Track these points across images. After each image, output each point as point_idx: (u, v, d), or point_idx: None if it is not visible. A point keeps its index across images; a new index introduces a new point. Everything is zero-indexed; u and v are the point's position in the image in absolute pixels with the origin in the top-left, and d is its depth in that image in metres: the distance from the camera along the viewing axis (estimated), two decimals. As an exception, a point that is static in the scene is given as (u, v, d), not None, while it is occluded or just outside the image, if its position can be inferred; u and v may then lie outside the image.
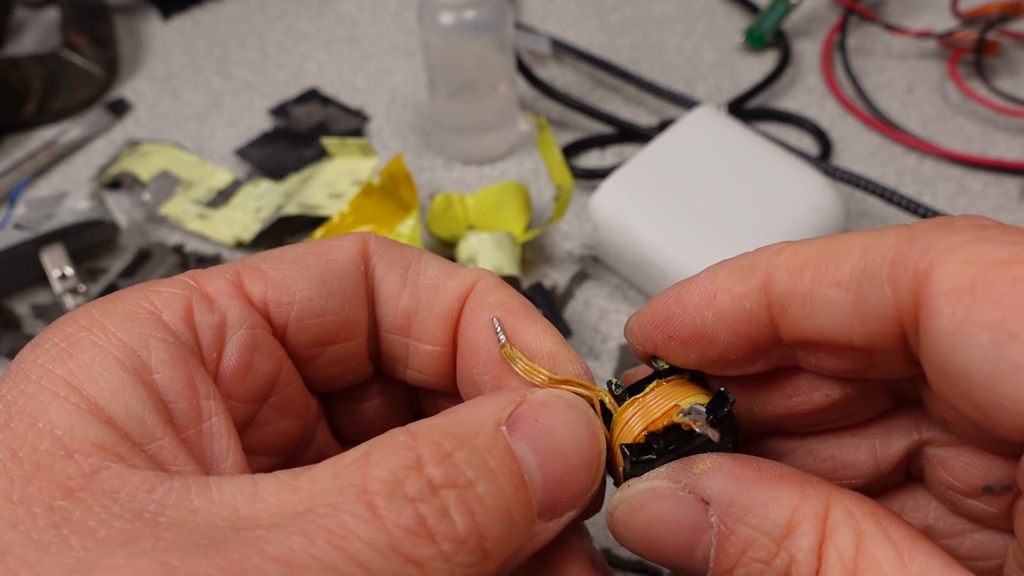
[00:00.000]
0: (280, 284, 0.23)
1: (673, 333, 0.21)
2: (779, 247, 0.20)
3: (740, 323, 0.20)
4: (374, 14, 0.69)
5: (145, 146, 0.59)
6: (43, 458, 0.18)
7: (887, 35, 0.62)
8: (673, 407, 0.21)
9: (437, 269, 0.24)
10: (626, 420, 0.22)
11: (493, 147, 0.57)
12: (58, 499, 0.17)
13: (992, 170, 0.54)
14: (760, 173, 0.47)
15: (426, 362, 0.25)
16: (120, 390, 0.19)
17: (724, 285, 0.21)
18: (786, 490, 0.19)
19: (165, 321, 0.21)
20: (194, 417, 0.20)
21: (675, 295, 0.22)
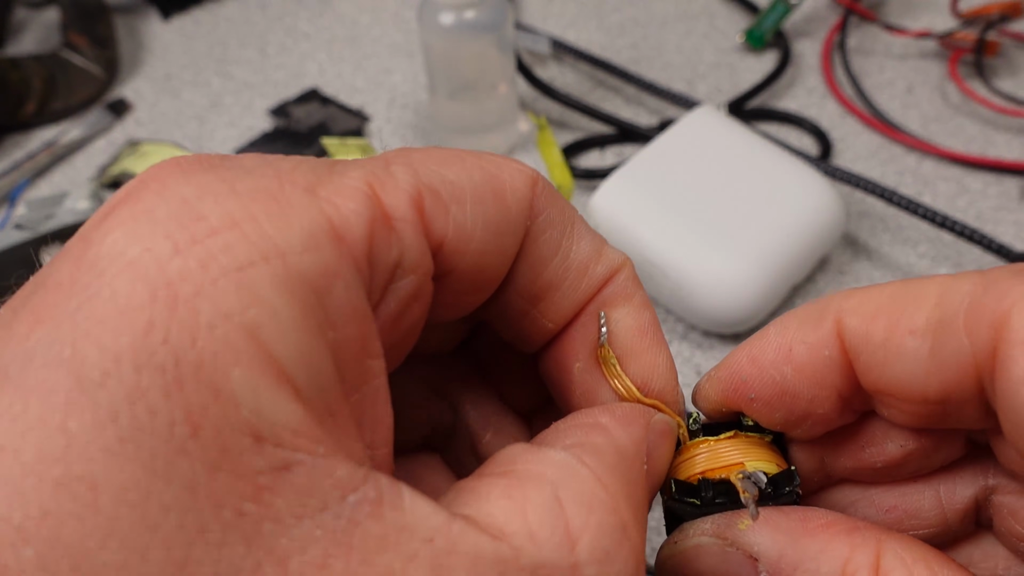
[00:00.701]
0: (461, 227, 0.18)
1: (754, 395, 0.20)
2: (847, 292, 0.20)
3: (822, 373, 0.20)
4: (374, 14, 0.69)
5: (145, 146, 0.59)
6: (229, 440, 0.13)
7: (887, 35, 0.62)
8: (738, 464, 0.21)
9: (589, 246, 0.22)
10: (689, 456, 0.21)
11: (493, 147, 0.57)
12: (247, 500, 0.13)
13: (992, 170, 0.54)
14: (760, 173, 0.47)
15: (529, 334, 0.22)
16: (308, 352, 0.15)
17: (797, 336, 0.20)
18: (836, 540, 0.18)
19: (349, 252, 0.16)
20: (359, 380, 0.16)
21: (747, 355, 0.21)
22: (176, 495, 0.13)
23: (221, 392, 0.14)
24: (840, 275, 0.49)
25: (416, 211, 0.17)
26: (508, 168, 0.20)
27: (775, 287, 0.45)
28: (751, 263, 0.44)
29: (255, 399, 0.14)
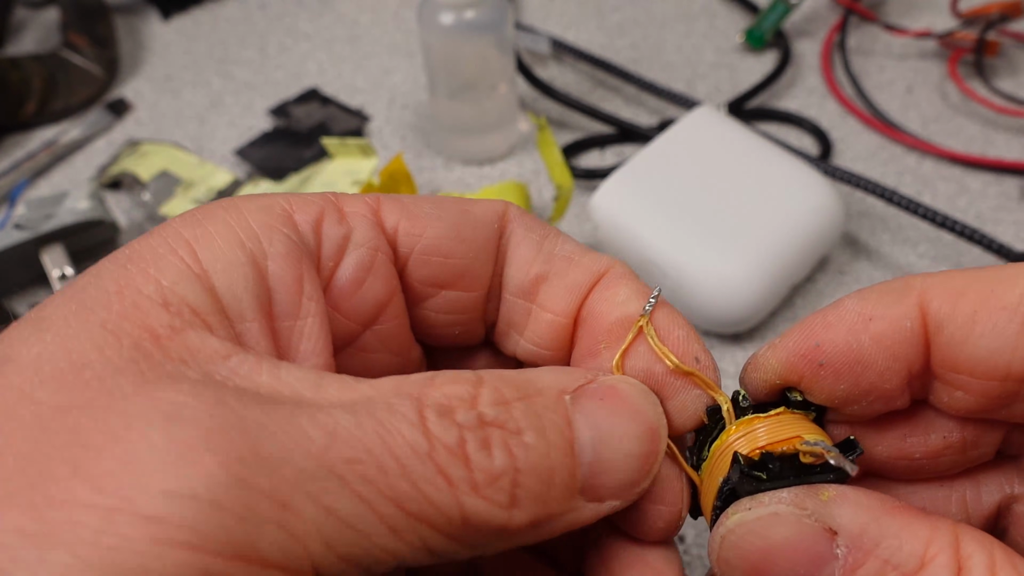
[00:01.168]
0: (414, 217, 0.23)
1: (825, 360, 0.20)
2: (930, 274, 0.20)
3: (899, 346, 0.20)
4: (374, 14, 0.69)
5: (145, 146, 0.59)
6: (143, 301, 0.19)
7: (887, 35, 0.62)
8: (796, 437, 0.21)
9: (574, 245, 0.25)
10: (745, 432, 0.21)
11: (493, 147, 0.57)
12: (145, 340, 0.18)
13: (992, 170, 0.54)
14: (760, 173, 0.47)
15: (544, 332, 0.24)
16: (230, 265, 0.20)
17: (878, 307, 0.20)
18: (917, 521, 0.18)
19: (295, 220, 0.22)
20: (292, 311, 0.21)
21: (822, 320, 0.21)
22: (95, 330, 0.18)
23: (149, 269, 0.20)
24: (840, 275, 0.49)
25: (370, 209, 0.23)
26: (479, 200, 0.25)
27: (775, 287, 0.45)
28: (751, 263, 0.44)
29: (174, 279, 0.19)
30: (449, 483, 0.18)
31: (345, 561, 0.17)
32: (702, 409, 0.22)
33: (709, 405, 0.22)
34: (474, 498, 0.18)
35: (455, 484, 0.18)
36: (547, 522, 0.19)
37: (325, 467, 0.17)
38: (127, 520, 0.16)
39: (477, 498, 0.18)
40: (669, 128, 0.49)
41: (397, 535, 0.18)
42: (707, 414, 0.22)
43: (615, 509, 0.21)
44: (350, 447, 0.18)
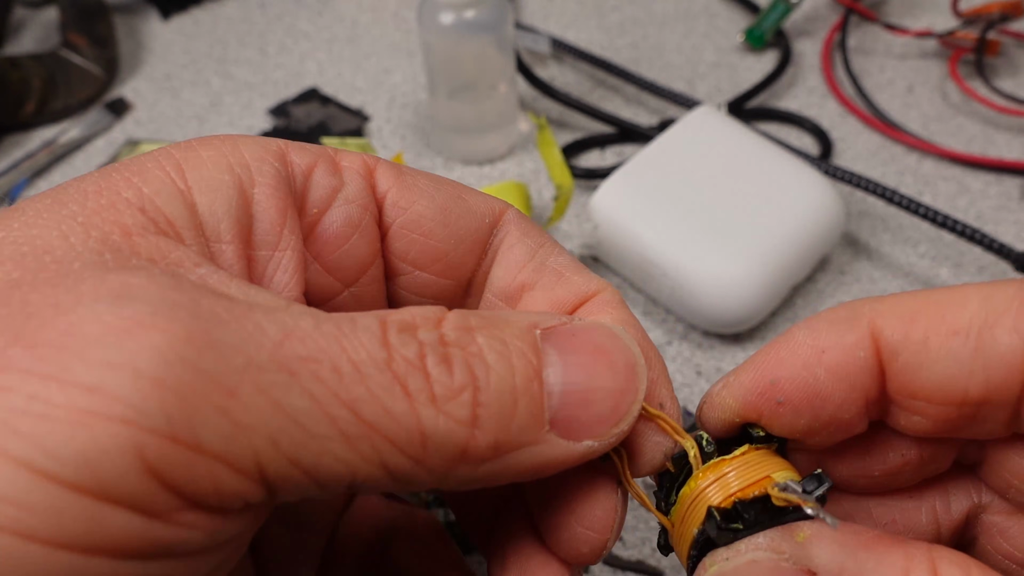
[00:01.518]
0: (407, 188, 0.23)
1: (784, 398, 0.20)
2: (877, 298, 0.20)
3: (855, 376, 0.20)
4: (374, 14, 0.69)
5: (145, 146, 0.59)
6: (120, 202, 0.19)
7: (887, 35, 0.62)
8: (765, 478, 0.20)
9: (568, 260, 0.24)
10: (711, 480, 0.21)
11: (493, 147, 0.57)
12: (115, 234, 0.18)
13: (993, 170, 0.54)
14: (760, 173, 0.47)
15: None
16: (213, 187, 0.20)
17: (830, 339, 0.20)
18: (891, 552, 0.18)
19: (289, 159, 0.22)
20: (271, 242, 0.21)
21: (775, 357, 0.20)
22: (64, 221, 0.18)
23: (132, 179, 0.20)
24: (840, 275, 0.49)
25: (366, 168, 0.23)
26: (485, 195, 0.24)
27: (775, 287, 0.45)
28: (751, 263, 0.44)
29: (155, 191, 0.19)
30: (406, 393, 0.17)
31: (295, 465, 0.17)
32: (666, 452, 0.21)
33: (675, 452, 0.21)
34: (432, 410, 0.18)
35: (412, 395, 0.17)
36: (513, 452, 0.19)
37: (276, 361, 0.17)
38: (60, 389, 0.15)
39: (436, 411, 0.18)
40: (669, 128, 0.49)
41: (350, 444, 0.17)
42: (673, 461, 0.21)
43: (592, 452, 0.20)
44: (304, 345, 0.17)
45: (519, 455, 0.19)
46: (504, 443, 0.18)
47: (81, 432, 0.15)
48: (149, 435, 0.15)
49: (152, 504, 0.16)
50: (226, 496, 0.16)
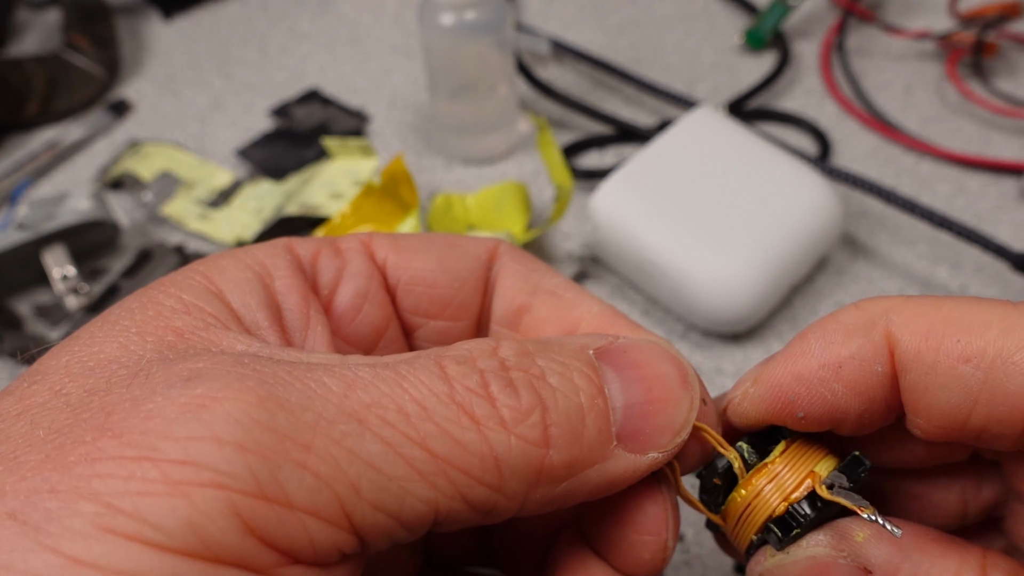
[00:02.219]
0: (402, 249, 0.25)
1: (804, 414, 0.20)
2: (896, 302, 0.20)
3: (873, 389, 0.20)
4: (374, 15, 0.69)
5: (146, 146, 0.59)
6: (166, 310, 0.21)
7: (886, 36, 0.62)
8: (809, 474, 0.21)
9: (561, 279, 0.25)
10: (759, 490, 0.21)
11: (493, 147, 0.57)
12: (169, 335, 0.20)
13: (990, 170, 0.54)
14: (759, 173, 0.47)
15: None
16: (241, 284, 0.22)
17: (846, 351, 0.20)
18: (946, 555, 0.19)
19: (296, 252, 0.24)
20: (301, 324, 0.23)
21: (791, 373, 0.20)
22: (120, 334, 0.20)
23: (170, 290, 0.21)
24: (839, 275, 0.49)
25: (362, 244, 0.25)
26: (471, 236, 0.26)
27: (774, 287, 0.45)
28: (750, 263, 0.44)
29: (194, 295, 0.21)
30: (474, 421, 0.18)
31: (378, 510, 0.17)
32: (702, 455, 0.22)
33: (715, 460, 0.22)
34: (504, 434, 0.18)
35: (481, 422, 0.18)
36: (584, 469, 0.19)
37: (344, 412, 0.17)
38: (154, 466, 0.16)
39: (507, 434, 0.18)
40: (669, 128, 0.50)
41: (427, 481, 0.17)
42: (720, 475, 0.22)
43: (656, 464, 0.20)
44: (368, 393, 0.18)
45: (591, 472, 0.19)
46: (578, 461, 0.19)
47: (181, 501, 0.16)
48: (241, 495, 0.16)
49: (256, 561, 0.16)
50: (321, 548, 0.17)
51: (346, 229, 0.50)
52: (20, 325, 0.50)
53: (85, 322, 0.48)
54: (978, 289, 0.48)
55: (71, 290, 0.50)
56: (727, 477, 0.22)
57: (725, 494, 0.22)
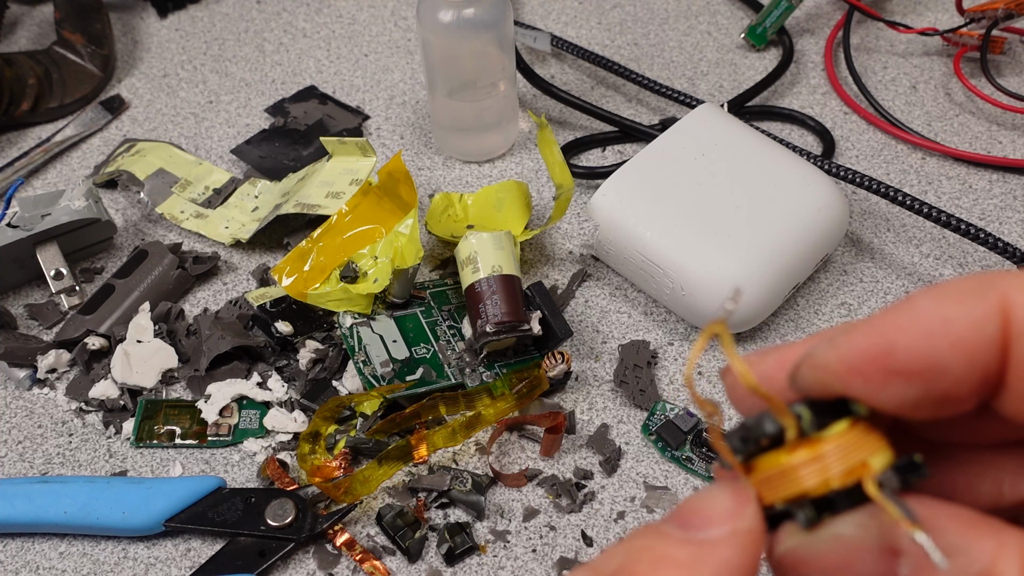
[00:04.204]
0: None
1: (898, 367, 0.19)
2: (1015, 273, 0.18)
3: (980, 351, 0.18)
4: (372, 11, 0.68)
5: (141, 144, 0.58)
6: None
7: (891, 32, 0.62)
8: (861, 465, 0.19)
9: None
10: (804, 462, 0.20)
11: (493, 146, 0.56)
12: None
13: (997, 168, 0.53)
14: (763, 172, 0.47)
15: None
16: None
17: (957, 310, 0.18)
18: (983, 537, 0.17)
19: None
20: None
21: (894, 323, 0.19)
22: None
23: None
24: (843, 275, 0.49)
25: None
26: None
27: (777, 287, 0.45)
28: (753, 263, 0.44)
29: None
30: None
31: None
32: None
33: (768, 421, 0.20)
34: None
35: None
36: None
37: None
38: None
39: None
40: (671, 127, 0.49)
41: None
42: (769, 437, 0.20)
43: None
44: None
45: None
46: None
47: None
48: None
49: None
50: None
51: (344, 228, 0.50)
52: (13, 325, 0.49)
53: (78, 321, 0.48)
54: (985, 289, 0.47)
55: (65, 289, 0.50)
56: (775, 439, 0.20)
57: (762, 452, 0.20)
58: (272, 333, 0.46)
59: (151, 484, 0.42)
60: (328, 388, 0.45)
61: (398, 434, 0.43)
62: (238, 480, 0.43)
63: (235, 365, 0.46)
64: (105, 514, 0.41)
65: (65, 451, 0.45)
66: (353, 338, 0.45)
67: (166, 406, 0.45)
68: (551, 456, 0.43)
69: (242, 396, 0.45)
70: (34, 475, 0.44)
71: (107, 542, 0.42)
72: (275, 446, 0.44)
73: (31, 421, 0.46)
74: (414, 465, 0.43)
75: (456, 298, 0.48)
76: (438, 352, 0.46)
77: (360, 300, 0.46)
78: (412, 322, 0.47)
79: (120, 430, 0.45)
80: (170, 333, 0.48)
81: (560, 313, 0.47)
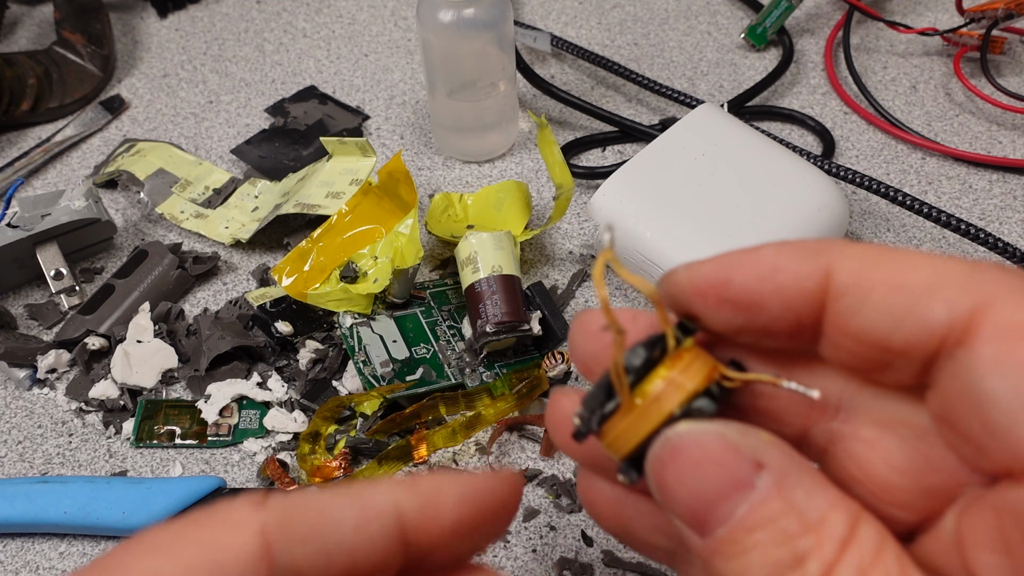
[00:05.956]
0: None
1: (730, 296, 0.22)
2: (843, 242, 0.22)
3: (796, 300, 0.21)
4: (372, 11, 0.68)
5: (141, 144, 0.58)
6: None
7: (891, 32, 0.62)
8: (714, 368, 0.22)
9: None
10: (686, 364, 0.22)
11: (493, 146, 0.56)
12: None
13: (997, 168, 0.53)
14: (762, 172, 0.47)
15: None
16: None
17: (787, 263, 0.22)
18: (831, 489, 0.20)
19: None
20: None
21: (738, 262, 0.22)
22: None
23: None
24: (844, 275, 0.49)
25: None
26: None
27: (778, 287, 0.45)
28: (754, 263, 0.44)
29: None
30: None
31: None
32: None
33: (652, 337, 0.23)
34: None
35: None
36: None
37: None
38: None
39: None
40: (670, 127, 0.49)
41: None
42: (645, 347, 0.23)
43: None
44: None
45: None
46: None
47: None
48: None
49: None
50: None
51: (344, 228, 0.50)
52: (13, 325, 0.49)
53: (78, 321, 0.48)
54: (985, 289, 0.48)
55: (65, 289, 0.49)
56: (648, 366, 0.23)
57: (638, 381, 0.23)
58: (272, 333, 0.46)
59: (151, 484, 0.42)
60: (328, 388, 0.45)
61: (398, 434, 0.43)
62: (238, 480, 0.43)
63: (235, 365, 0.46)
64: (105, 514, 0.41)
65: (65, 451, 0.45)
66: (353, 338, 0.45)
67: (166, 406, 0.45)
68: (551, 456, 0.43)
69: (242, 396, 0.45)
70: (34, 475, 0.44)
71: (107, 542, 0.42)
72: (275, 446, 0.44)
73: (31, 421, 0.46)
74: (414, 465, 0.43)
75: (456, 298, 0.48)
76: (438, 352, 0.46)
77: (360, 300, 0.46)
78: (412, 322, 0.47)
79: (120, 430, 0.45)
80: (170, 333, 0.48)
81: (560, 313, 0.47)
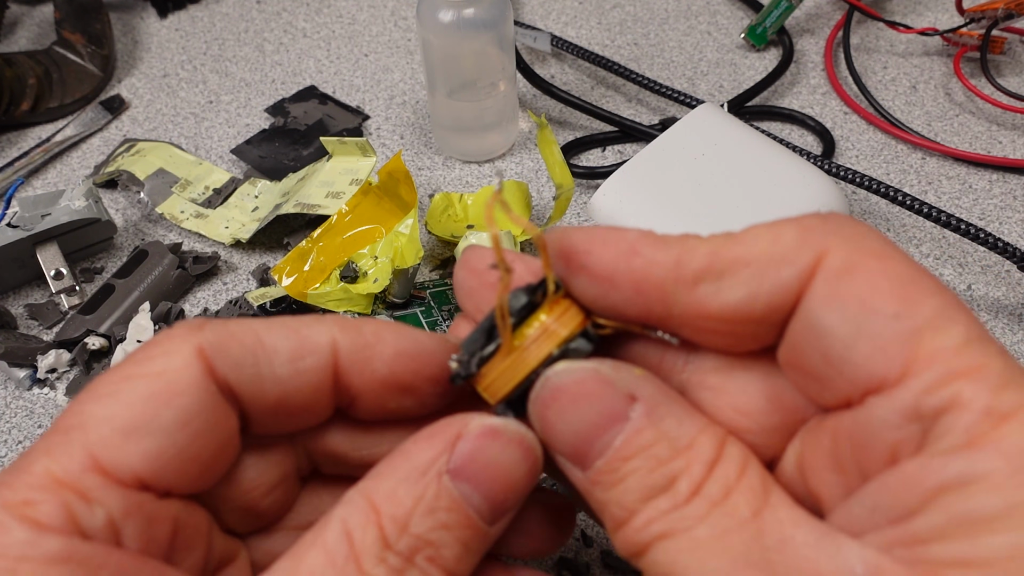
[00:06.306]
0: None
1: (587, 266, 0.23)
2: (689, 236, 0.23)
3: (645, 286, 0.23)
4: (372, 11, 0.68)
5: (141, 144, 0.58)
6: None
7: (891, 32, 0.62)
8: (584, 319, 0.24)
9: None
10: (560, 312, 0.24)
11: (493, 146, 0.56)
12: None
13: (997, 168, 0.53)
14: (762, 172, 0.47)
15: None
16: None
17: (646, 249, 0.23)
18: (698, 416, 0.22)
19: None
20: None
21: (602, 238, 0.23)
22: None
23: None
24: (843, 275, 0.49)
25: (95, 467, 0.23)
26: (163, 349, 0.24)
27: (778, 287, 0.45)
28: (754, 263, 0.44)
29: None
30: None
31: None
32: None
33: (530, 284, 0.24)
34: None
35: None
36: (477, 561, 0.23)
37: None
38: None
39: None
40: (670, 127, 0.49)
41: None
42: (526, 292, 0.24)
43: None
44: None
45: (480, 557, 0.24)
46: (475, 565, 0.23)
47: None
48: None
49: None
50: None
51: (344, 228, 0.50)
52: (13, 325, 0.49)
53: (78, 321, 0.48)
54: (984, 288, 0.47)
55: (65, 289, 0.49)
56: (529, 308, 0.24)
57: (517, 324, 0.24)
58: (272, 333, 0.46)
59: (151, 484, 0.41)
60: (328, 388, 0.45)
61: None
62: (238, 480, 0.43)
63: (235, 365, 0.46)
64: (105, 514, 0.41)
65: (65, 451, 0.45)
66: (353, 338, 0.45)
67: (166, 406, 0.45)
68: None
69: (242, 396, 0.45)
70: (34, 475, 0.44)
71: (107, 542, 0.42)
72: (275, 446, 0.44)
73: (31, 421, 0.46)
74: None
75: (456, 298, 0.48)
76: (438, 352, 0.46)
77: (360, 300, 0.46)
78: (412, 322, 0.47)
79: (120, 430, 0.45)
80: (170, 333, 0.47)
81: (560, 313, 0.47)
